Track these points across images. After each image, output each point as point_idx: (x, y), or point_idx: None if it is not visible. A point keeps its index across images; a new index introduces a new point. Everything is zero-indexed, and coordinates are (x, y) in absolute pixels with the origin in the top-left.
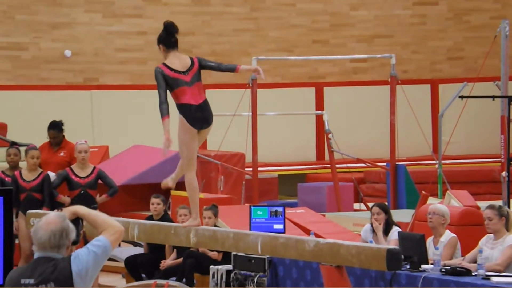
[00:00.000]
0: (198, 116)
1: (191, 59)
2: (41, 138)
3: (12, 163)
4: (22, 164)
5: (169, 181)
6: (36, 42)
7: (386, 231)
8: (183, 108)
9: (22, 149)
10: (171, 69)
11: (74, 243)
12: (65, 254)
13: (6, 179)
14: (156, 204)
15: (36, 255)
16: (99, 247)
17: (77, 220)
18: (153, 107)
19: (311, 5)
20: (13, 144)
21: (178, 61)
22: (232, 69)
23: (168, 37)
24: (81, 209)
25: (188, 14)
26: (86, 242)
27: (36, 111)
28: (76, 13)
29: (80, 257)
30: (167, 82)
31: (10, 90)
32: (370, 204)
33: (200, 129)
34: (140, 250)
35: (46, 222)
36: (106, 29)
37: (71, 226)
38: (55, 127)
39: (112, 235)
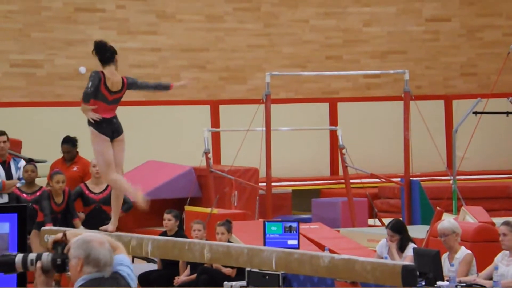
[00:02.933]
0: (108, 127)
1: (122, 81)
2: (55, 154)
3: (29, 179)
4: (38, 181)
5: (109, 227)
6: (51, 59)
7: (402, 248)
8: (94, 120)
9: (38, 165)
10: (105, 85)
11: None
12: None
13: (22, 195)
14: (167, 220)
15: (91, 276)
16: (130, 265)
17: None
18: (167, 122)
19: (324, 21)
20: (29, 160)
21: (112, 79)
22: (167, 87)
23: (102, 54)
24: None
25: (202, 30)
26: None
27: (50, 127)
28: (91, 30)
29: (131, 275)
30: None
31: (24, 106)
32: (384, 220)
33: (112, 138)
34: (153, 267)
35: (99, 242)
36: (120, 46)
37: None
38: (69, 141)
39: (126, 253)
